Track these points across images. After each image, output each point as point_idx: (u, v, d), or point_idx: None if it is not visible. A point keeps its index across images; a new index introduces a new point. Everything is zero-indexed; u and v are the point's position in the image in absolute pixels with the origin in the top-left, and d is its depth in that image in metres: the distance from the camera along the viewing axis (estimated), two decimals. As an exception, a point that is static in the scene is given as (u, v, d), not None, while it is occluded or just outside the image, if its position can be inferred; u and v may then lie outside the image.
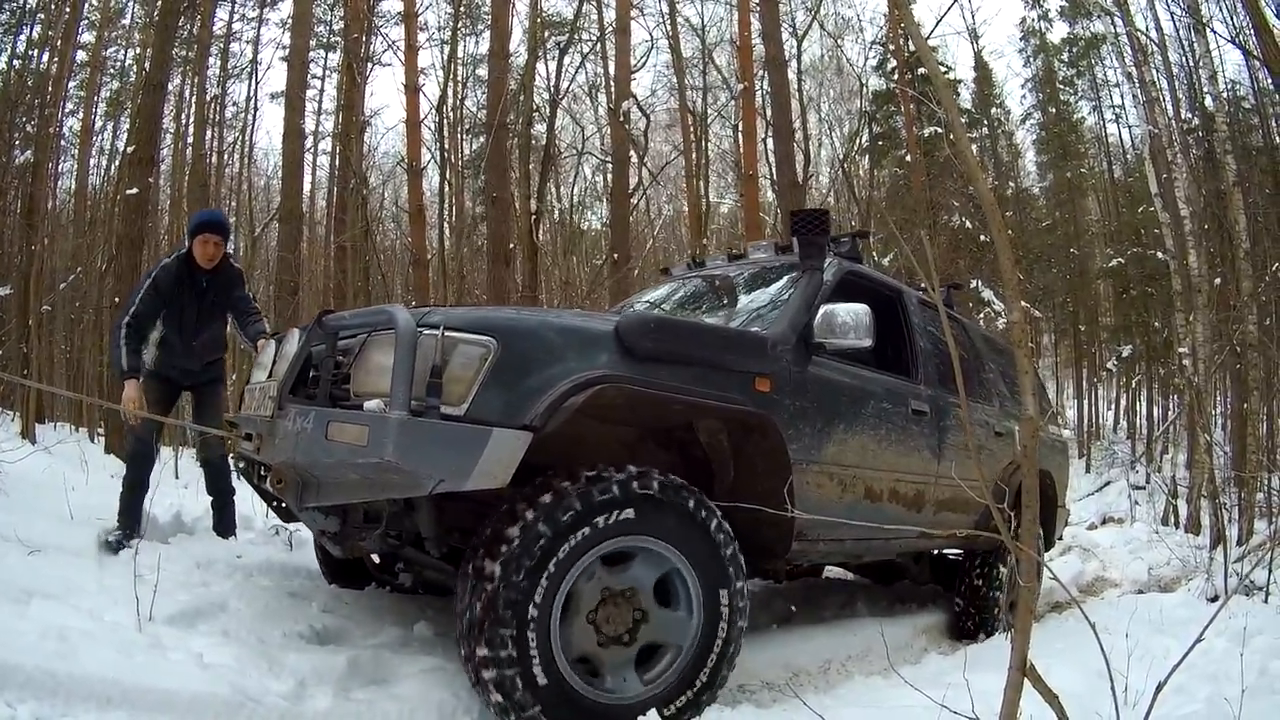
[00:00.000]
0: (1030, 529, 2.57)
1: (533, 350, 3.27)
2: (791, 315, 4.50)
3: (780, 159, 15.54)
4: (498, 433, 3.08)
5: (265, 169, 30.59)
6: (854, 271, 5.31)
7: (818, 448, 4.38)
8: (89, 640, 3.28)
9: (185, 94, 23.50)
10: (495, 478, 3.10)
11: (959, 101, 24.28)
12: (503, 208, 14.67)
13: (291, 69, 16.16)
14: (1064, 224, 25.45)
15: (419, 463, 3.02)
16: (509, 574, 3.15)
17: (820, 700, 3.94)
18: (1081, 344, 26.76)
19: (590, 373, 3.33)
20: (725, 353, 3.96)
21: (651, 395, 3.56)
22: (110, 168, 23.00)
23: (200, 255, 5.63)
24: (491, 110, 14.96)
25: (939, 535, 5.57)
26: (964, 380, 5.81)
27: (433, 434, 3.03)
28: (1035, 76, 27.17)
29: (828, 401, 4.49)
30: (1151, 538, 10.50)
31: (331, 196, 24.83)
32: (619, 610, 3.52)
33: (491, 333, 3.21)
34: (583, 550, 3.32)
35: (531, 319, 3.50)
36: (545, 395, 3.19)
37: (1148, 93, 14.26)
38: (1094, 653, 3.68)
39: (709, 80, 24.52)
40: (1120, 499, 15.48)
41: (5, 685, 2.85)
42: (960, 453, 5.65)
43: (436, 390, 3.09)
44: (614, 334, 3.53)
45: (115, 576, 4.30)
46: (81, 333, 20.35)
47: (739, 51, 19.54)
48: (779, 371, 4.16)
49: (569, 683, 3.27)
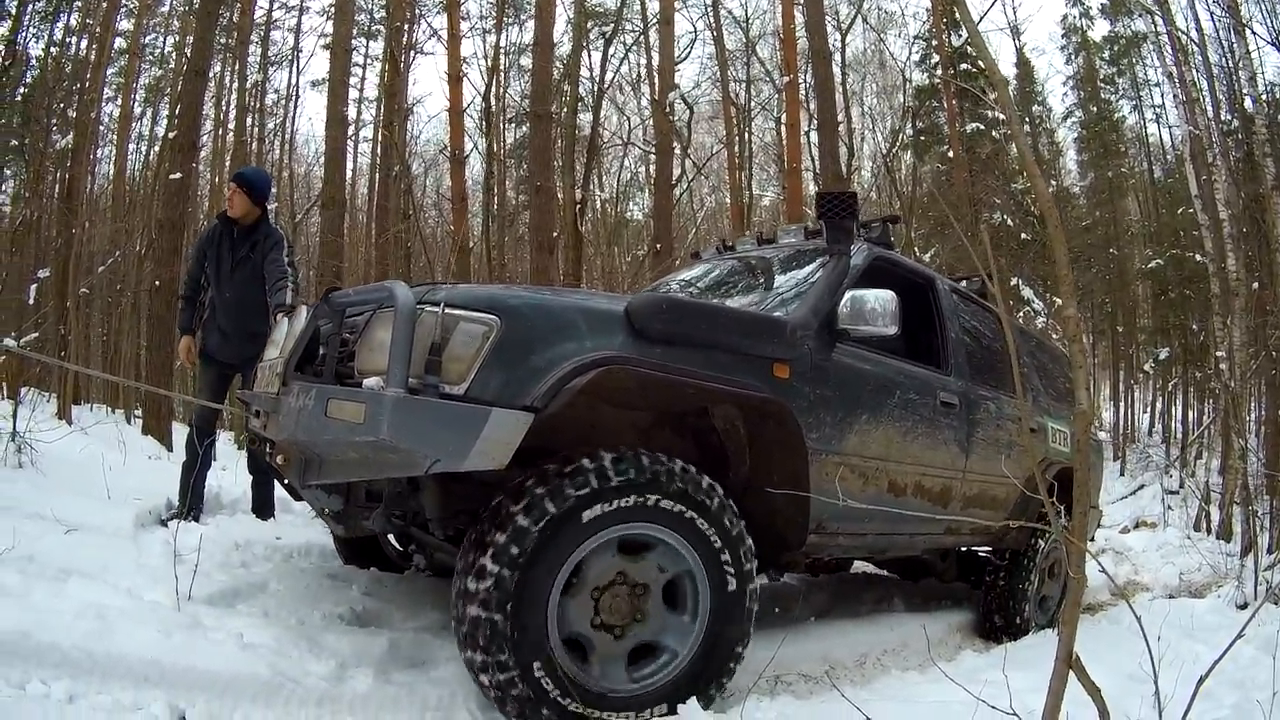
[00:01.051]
0: (1082, 521, 2.58)
1: (537, 329, 3.20)
2: (814, 300, 4.38)
3: (824, 152, 15.52)
4: (497, 413, 3.01)
5: (306, 156, 30.88)
6: (884, 257, 5.18)
7: (839, 438, 4.27)
8: (127, 619, 3.30)
9: (226, 81, 23.77)
10: (493, 459, 3.04)
11: (1000, 97, 24.05)
12: (546, 196, 14.69)
13: (334, 57, 16.30)
14: (1104, 224, 25.21)
15: (415, 442, 2.96)
16: (508, 549, 3.09)
17: (857, 693, 3.93)
18: (1119, 345, 26.52)
19: (596, 353, 3.25)
20: (742, 336, 3.83)
21: (661, 379, 3.47)
22: (149, 153, 23.30)
23: (228, 206, 5.83)
24: (535, 99, 14.99)
25: (966, 529, 5.62)
26: (996, 373, 5.83)
27: (429, 413, 2.97)
28: (1076, 74, 26.92)
29: (851, 390, 4.38)
30: (1183, 543, 10.41)
31: (373, 184, 25.03)
32: (622, 600, 3.43)
33: (494, 311, 3.15)
34: (591, 531, 3.27)
35: (537, 297, 3.42)
36: (548, 376, 3.12)
37: (1188, 93, 14.14)
38: (1126, 655, 3.77)
39: (752, 73, 24.47)
40: (1154, 503, 15.37)
41: (41, 663, 2.86)
42: (990, 448, 5.56)
43: (435, 368, 3.04)
44: (624, 315, 3.44)
45: (153, 556, 4.33)
46: (119, 316, 20.57)
47: (783, 44, 19.55)
48: (799, 358, 4.05)
49: (558, 663, 3.20)
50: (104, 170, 23.23)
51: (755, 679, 4.02)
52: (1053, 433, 6.58)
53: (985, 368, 5.86)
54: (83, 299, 13.20)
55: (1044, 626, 6.24)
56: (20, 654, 2.82)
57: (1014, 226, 21.26)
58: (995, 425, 5.68)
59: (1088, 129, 26.22)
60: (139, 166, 23.78)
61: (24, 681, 2.76)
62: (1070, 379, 7.23)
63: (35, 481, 5.69)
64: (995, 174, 21.77)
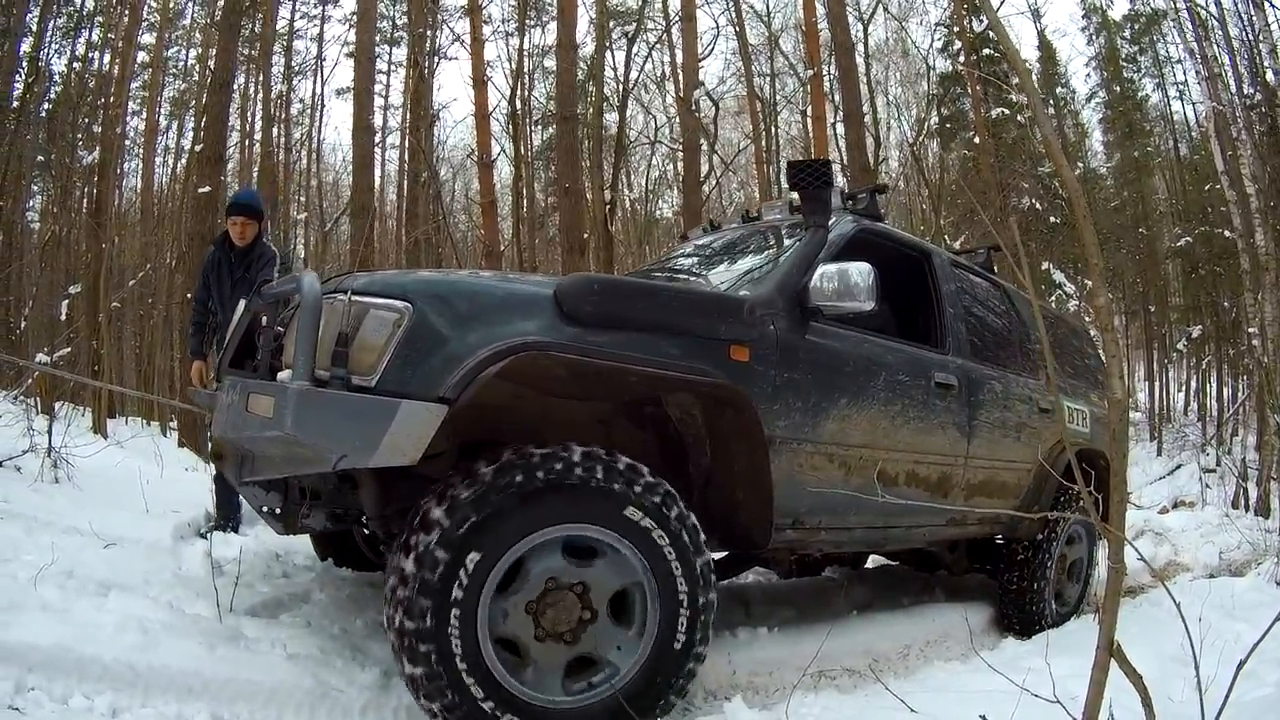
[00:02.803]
0: (1120, 510, 2.53)
1: (452, 315, 2.99)
2: (781, 276, 4.07)
3: (851, 144, 15.59)
4: (407, 405, 2.82)
5: (334, 164, 31.05)
6: (870, 229, 4.84)
7: (814, 425, 3.98)
8: (169, 632, 3.32)
9: (251, 91, 23.91)
10: (404, 454, 2.84)
11: (1023, 82, 23.90)
12: (574, 198, 14.70)
13: (358, 65, 16.33)
14: (1132, 203, 25.01)
15: (319, 437, 2.83)
16: (432, 553, 2.90)
17: (901, 685, 3.93)
18: (1152, 325, 26.29)
19: (514, 340, 3.00)
20: (690, 317, 3.55)
21: (592, 365, 3.21)
22: (176, 166, 23.49)
23: (233, 235, 5.87)
24: (560, 102, 15.05)
25: (972, 519, 5.26)
26: (1005, 351, 5.78)
27: (334, 406, 2.81)
28: (1098, 54, 26.68)
29: (827, 373, 4.08)
30: (1222, 521, 10.30)
31: (401, 190, 25.17)
32: (565, 608, 3.18)
33: (405, 297, 2.97)
34: (521, 534, 3.04)
35: (454, 281, 3.23)
36: (462, 364, 2.91)
37: (1210, 68, 14.04)
38: (1167, 637, 3.78)
39: (776, 66, 24.46)
40: (1191, 482, 15.27)
41: (84, 677, 2.88)
42: (996, 431, 5.28)
43: (343, 359, 2.89)
44: (552, 298, 3.19)
45: (194, 568, 4.36)
46: (151, 329, 20.78)
47: (806, 37, 19.49)
48: (761, 338, 3.75)
49: (487, 664, 2.98)
50: (131, 184, 23.54)
51: (800, 675, 4.02)
52: (1070, 413, 6.25)
53: (991, 345, 5.58)
54: (114, 313, 13.26)
55: (1065, 618, 5.99)
56: (63, 668, 2.86)
57: (1043, 210, 21.14)
58: (1002, 407, 5.39)
59: (1112, 109, 26.01)
60: (166, 179, 24.02)
61: (67, 696, 2.79)
62: (1091, 355, 7.10)
63: (73, 496, 5.74)
64: (1022, 158, 21.63)
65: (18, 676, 2.75)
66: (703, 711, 3.83)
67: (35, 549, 3.82)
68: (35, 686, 2.76)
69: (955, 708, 3.50)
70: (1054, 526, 5.78)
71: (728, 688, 4.12)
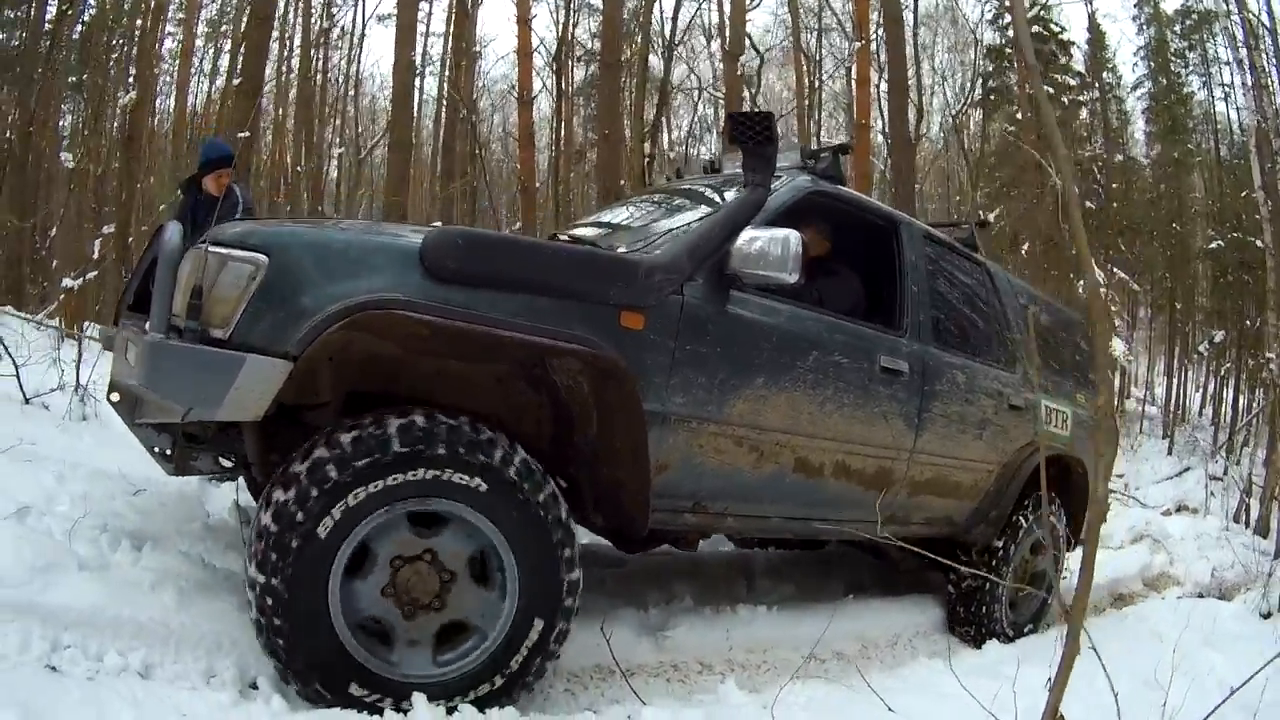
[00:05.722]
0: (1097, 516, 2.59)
1: (310, 268, 2.91)
2: (695, 238, 3.75)
3: (894, 110, 15.59)
4: (251, 360, 2.78)
5: (371, 87, 31.03)
6: (825, 192, 4.50)
7: (719, 403, 3.72)
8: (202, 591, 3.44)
9: (290, 18, 23.82)
10: (248, 409, 2.84)
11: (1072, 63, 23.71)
12: (613, 144, 14.81)
13: (401, 1, 16.22)
14: (1168, 197, 24.81)
15: (167, 388, 2.86)
16: (289, 517, 2.86)
17: (884, 680, 4.08)
18: (1176, 322, 26.13)
19: (364, 296, 2.89)
20: (574, 278, 3.33)
21: (449, 326, 3.02)
22: (211, 89, 23.55)
23: (213, 189, 6.06)
24: (605, 48, 15.14)
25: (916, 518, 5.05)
26: (977, 338, 5.34)
27: (182, 358, 2.81)
28: (1148, 45, 26.33)
29: (743, 348, 3.81)
30: (1221, 534, 10.36)
31: (438, 119, 25.07)
32: (423, 576, 3.10)
33: (263, 249, 2.88)
34: (373, 507, 2.96)
35: (318, 233, 3.15)
36: (308, 319, 2.83)
37: (1258, 79, 13.87)
38: (1146, 658, 3.85)
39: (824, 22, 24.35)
40: (1197, 488, 15.28)
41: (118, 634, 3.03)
42: (952, 425, 4.93)
43: (196, 312, 2.85)
44: (417, 252, 3.03)
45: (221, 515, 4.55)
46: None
47: (855, 3, 19.35)
48: (661, 305, 3.50)
49: (343, 645, 2.95)
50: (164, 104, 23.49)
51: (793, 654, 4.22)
52: (1047, 413, 5.70)
53: (961, 331, 5.21)
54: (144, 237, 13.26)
55: (1021, 631, 5.70)
56: (97, 627, 2.98)
57: (1081, 191, 21.07)
58: (963, 400, 5.01)
59: (1156, 101, 25.72)
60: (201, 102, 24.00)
61: (101, 653, 2.92)
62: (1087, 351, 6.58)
63: (99, 435, 5.78)
64: (1066, 137, 21.51)
65: (54, 636, 2.87)
66: (696, 686, 4.02)
67: (68, 498, 3.91)
68: (71, 644, 2.88)
69: (932, 707, 3.63)
70: (1014, 532, 5.54)
71: (723, 663, 4.30)
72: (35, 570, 3.10)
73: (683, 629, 4.34)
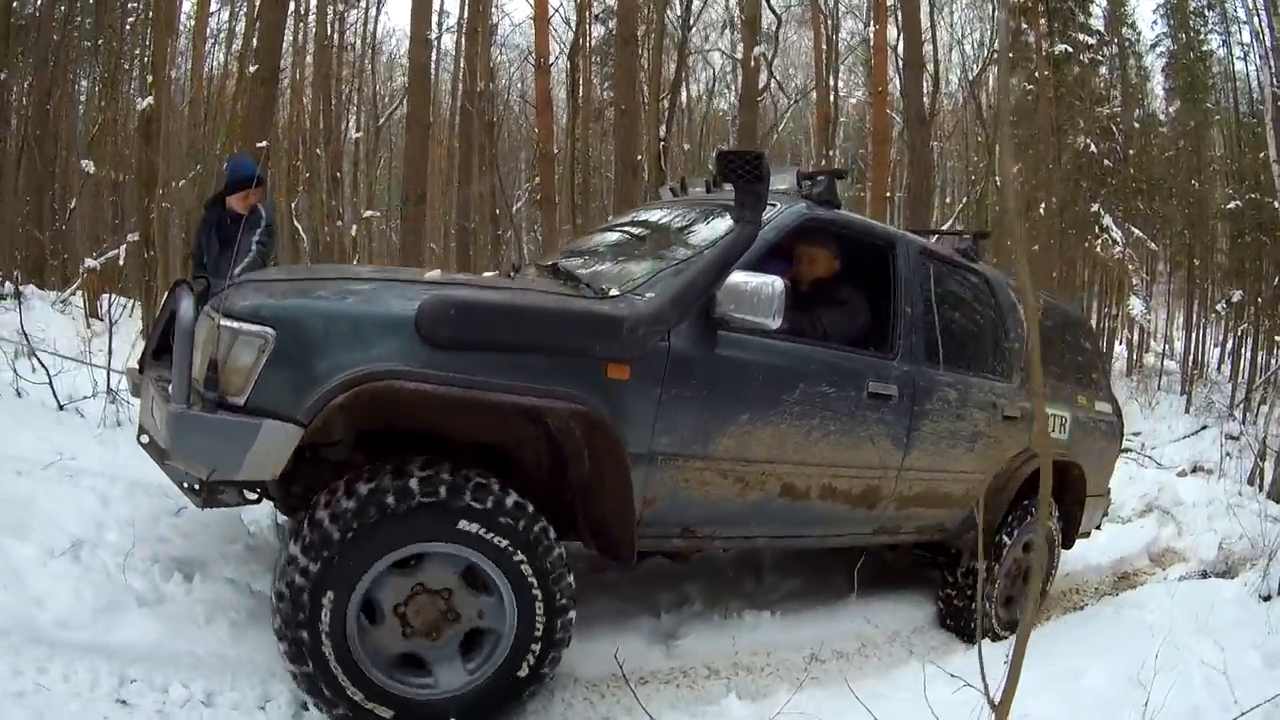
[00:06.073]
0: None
1: (316, 340, 3.12)
2: (681, 286, 3.82)
3: (910, 84, 15.62)
4: (267, 425, 3.00)
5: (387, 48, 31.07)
6: (820, 218, 4.60)
7: (704, 441, 3.88)
8: (253, 621, 3.71)
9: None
10: (266, 469, 3.06)
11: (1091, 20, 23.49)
12: (631, 119, 14.93)
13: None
14: (1187, 155, 24.67)
15: (191, 453, 3.09)
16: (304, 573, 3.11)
17: (876, 684, 4.25)
18: (1195, 278, 26.05)
19: (367, 367, 3.09)
20: (559, 336, 3.47)
21: (446, 394, 3.21)
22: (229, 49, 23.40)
23: (238, 207, 6.19)
24: (621, 22, 15.21)
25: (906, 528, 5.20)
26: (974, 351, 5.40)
27: (203, 426, 3.03)
28: (1167, 2, 26.04)
29: (730, 386, 3.95)
30: (1234, 499, 10.13)
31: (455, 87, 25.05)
32: (429, 603, 3.36)
33: (271, 323, 3.09)
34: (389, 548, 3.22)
35: (322, 306, 3.27)
36: (317, 389, 3.04)
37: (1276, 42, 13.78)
38: (1135, 654, 3.87)
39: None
40: (1213, 448, 15.26)
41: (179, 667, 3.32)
42: (942, 441, 4.99)
43: (214, 383, 3.09)
44: (413, 320, 3.20)
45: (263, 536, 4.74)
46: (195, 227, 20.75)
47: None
48: (646, 356, 3.64)
49: (380, 686, 3.24)
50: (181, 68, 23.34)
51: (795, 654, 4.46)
52: None
53: (956, 346, 5.22)
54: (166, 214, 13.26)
55: (1013, 628, 5.65)
56: (159, 661, 3.29)
57: (1098, 153, 21.00)
58: (954, 416, 5.07)
59: (1175, 59, 25.49)
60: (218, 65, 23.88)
61: (166, 685, 3.23)
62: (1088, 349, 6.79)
63: (134, 444, 5.78)
64: (1082, 98, 21.39)
65: (121, 671, 3.17)
66: (703, 694, 4.23)
67: (115, 525, 4.09)
68: (136, 679, 3.19)
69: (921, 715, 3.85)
70: (1008, 532, 5.61)
71: (729, 668, 4.51)
72: (98, 611, 3.39)
73: (691, 637, 4.59)
